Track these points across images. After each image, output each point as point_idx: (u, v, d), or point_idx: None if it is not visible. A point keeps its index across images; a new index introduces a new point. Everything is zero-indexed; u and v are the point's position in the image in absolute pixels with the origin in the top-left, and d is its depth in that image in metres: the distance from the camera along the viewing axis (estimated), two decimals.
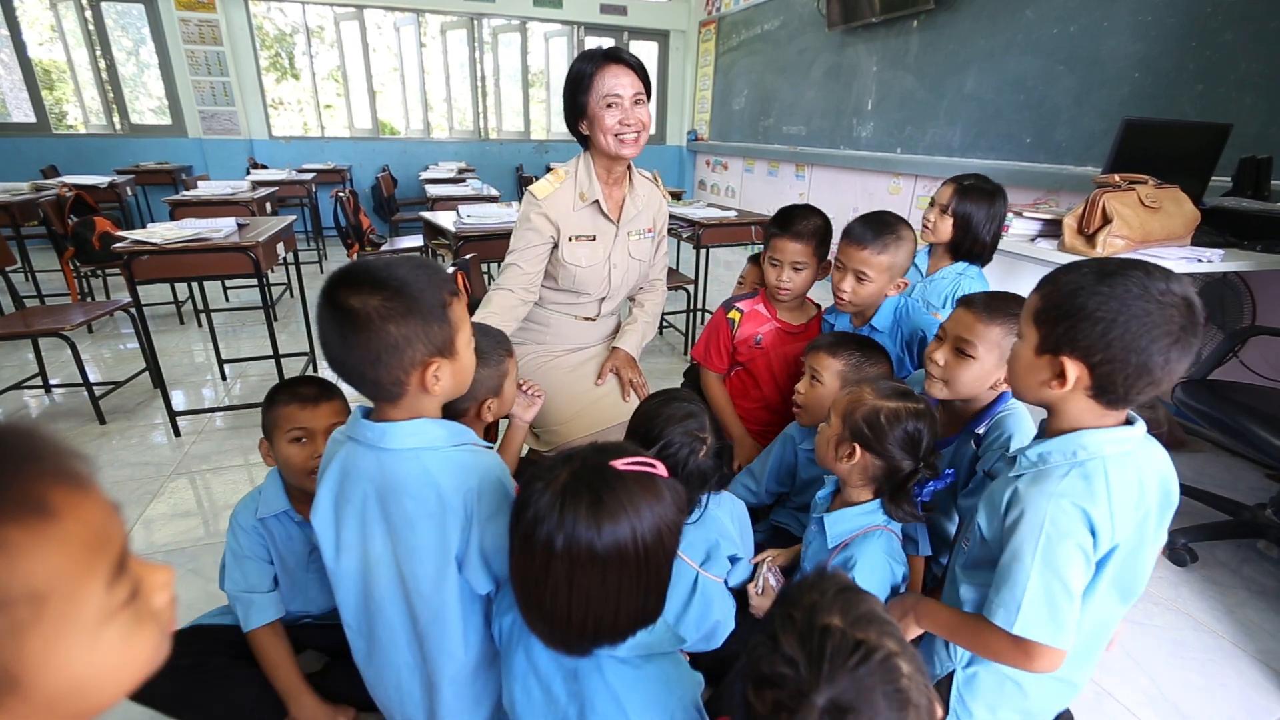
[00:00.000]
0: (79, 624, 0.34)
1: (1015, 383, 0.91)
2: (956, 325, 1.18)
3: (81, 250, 3.19)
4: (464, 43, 6.20)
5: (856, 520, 1.12)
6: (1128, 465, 0.84)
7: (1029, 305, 0.86)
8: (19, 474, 0.33)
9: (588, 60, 1.47)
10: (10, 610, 0.31)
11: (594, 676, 0.78)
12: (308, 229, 5.34)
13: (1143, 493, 0.84)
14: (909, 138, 4.02)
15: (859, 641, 0.53)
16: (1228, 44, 2.35)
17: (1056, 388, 0.83)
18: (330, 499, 0.91)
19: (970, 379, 1.16)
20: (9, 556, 0.31)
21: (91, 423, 2.36)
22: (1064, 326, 0.80)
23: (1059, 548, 0.81)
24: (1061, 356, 0.81)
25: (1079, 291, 0.79)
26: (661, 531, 0.74)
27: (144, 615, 0.38)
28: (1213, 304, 2.29)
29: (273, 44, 9.02)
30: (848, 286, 1.47)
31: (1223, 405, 1.69)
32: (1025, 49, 3.17)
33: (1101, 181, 1.71)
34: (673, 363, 3.24)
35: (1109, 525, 0.81)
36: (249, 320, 3.71)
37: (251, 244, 2.15)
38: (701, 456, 1.07)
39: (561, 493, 0.73)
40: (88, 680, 0.35)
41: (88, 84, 5.48)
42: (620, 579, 0.73)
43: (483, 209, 2.90)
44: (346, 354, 0.80)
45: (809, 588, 0.59)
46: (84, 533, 0.34)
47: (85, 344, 3.21)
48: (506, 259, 1.60)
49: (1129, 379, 0.78)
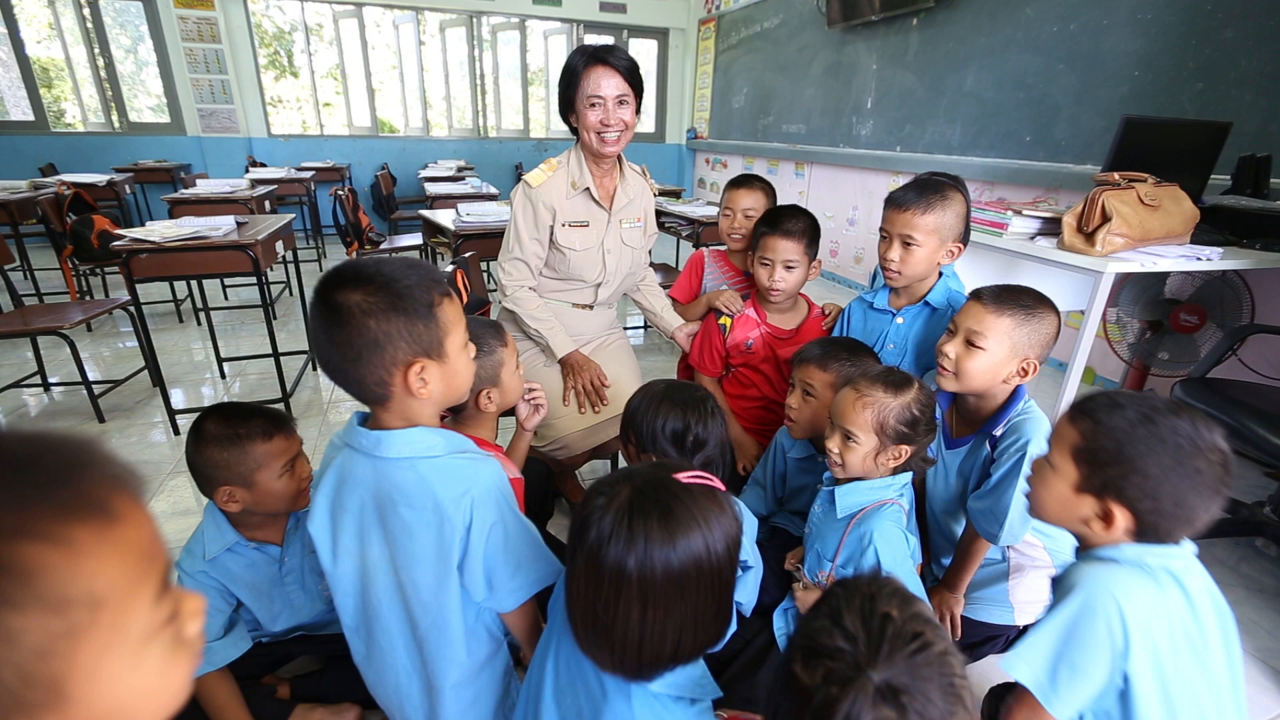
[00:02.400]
0: (128, 638, 0.33)
1: (1044, 510, 0.88)
2: (967, 317, 1.18)
3: (80, 248, 3.19)
4: (463, 40, 6.19)
5: (869, 494, 1.13)
6: (1190, 577, 0.81)
7: (1065, 438, 0.83)
8: (86, 476, 0.33)
9: (579, 56, 1.51)
10: (69, 612, 0.30)
11: (619, 699, 0.74)
12: (307, 227, 5.34)
13: (1195, 607, 0.80)
14: (909, 136, 4.02)
15: (918, 633, 0.53)
16: (1227, 42, 2.35)
17: (1099, 530, 0.81)
18: (327, 505, 0.90)
19: (980, 371, 1.16)
20: (75, 555, 0.31)
21: (90, 421, 2.36)
22: (1113, 472, 0.78)
23: (1087, 623, 0.78)
24: (1107, 501, 0.79)
25: (1131, 441, 0.77)
26: (729, 544, 0.72)
27: (180, 641, 0.37)
28: (1211, 302, 2.29)
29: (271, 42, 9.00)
30: (895, 255, 1.38)
31: (1221, 403, 1.69)
32: (1025, 47, 3.16)
33: (1101, 179, 1.70)
34: (671, 361, 3.23)
35: (1145, 635, 0.77)
36: (248, 318, 3.70)
37: (250, 242, 2.14)
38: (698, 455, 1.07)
39: (628, 509, 0.69)
40: (126, 704, 0.34)
41: (86, 82, 5.47)
42: (697, 596, 0.69)
43: (482, 207, 2.89)
44: (331, 352, 0.79)
45: (867, 582, 0.59)
46: (140, 541, 0.34)
47: (84, 342, 3.21)
48: (509, 254, 1.62)
49: (1172, 529, 0.78)
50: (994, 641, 1.34)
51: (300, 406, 2.54)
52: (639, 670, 0.72)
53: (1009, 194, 3.27)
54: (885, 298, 1.52)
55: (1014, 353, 1.15)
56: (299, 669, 1.30)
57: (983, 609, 1.31)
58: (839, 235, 4.76)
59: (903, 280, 1.43)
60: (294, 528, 1.19)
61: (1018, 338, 1.14)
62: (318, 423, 2.43)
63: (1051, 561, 1.30)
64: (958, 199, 1.38)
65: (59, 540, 0.30)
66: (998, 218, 1.84)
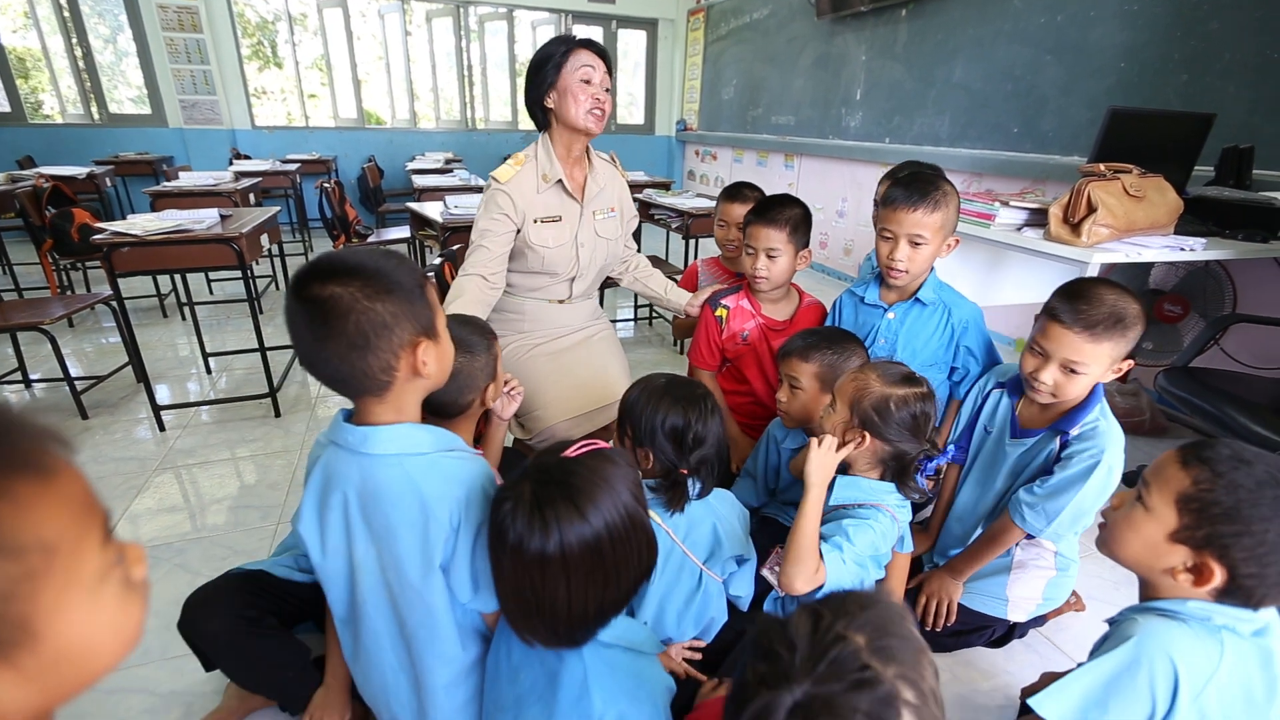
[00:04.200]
0: (83, 579, 0.37)
1: (1123, 549, 0.84)
2: (1063, 345, 1.11)
3: (60, 242, 3.13)
4: (450, 31, 6.12)
5: (869, 492, 1.13)
6: (1257, 647, 0.77)
7: (1172, 482, 0.78)
8: (21, 436, 0.36)
9: (562, 42, 1.51)
10: (25, 558, 0.34)
11: (572, 659, 0.80)
12: (293, 220, 5.27)
13: (1271, 670, 0.77)
14: (897, 127, 4.02)
15: (866, 665, 0.48)
16: (1212, 33, 2.37)
17: (1184, 582, 0.77)
18: (314, 503, 0.90)
19: (1079, 390, 1.15)
20: (21, 508, 0.34)
21: (74, 417, 2.32)
22: (1224, 530, 0.74)
23: (1132, 675, 0.77)
24: (1206, 557, 0.75)
25: (1255, 503, 0.73)
26: (634, 493, 0.79)
27: (130, 584, 0.40)
28: (1195, 292, 2.32)
29: (254, 31, 8.84)
30: (902, 255, 1.35)
31: (1204, 392, 1.71)
32: (1013, 38, 3.17)
33: (1087, 170, 1.72)
34: (662, 353, 3.24)
35: (1197, 698, 0.75)
36: (234, 313, 3.66)
37: (235, 235, 2.12)
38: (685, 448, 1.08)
39: (535, 502, 0.74)
40: (91, 638, 0.37)
41: (64, 72, 5.36)
42: (615, 551, 0.76)
43: (470, 199, 2.87)
44: (328, 345, 0.78)
45: (857, 599, 0.55)
46: (78, 492, 0.38)
47: (66, 338, 3.16)
48: (474, 241, 1.58)
49: (1267, 596, 0.75)
50: (982, 632, 1.35)
51: (288, 402, 2.52)
52: (573, 636, 0.79)
53: (997, 185, 3.29)
54: (876, 292, 1.51)
55: (1112, 365, 1.13)
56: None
57: (978, 599, 1.33)
58: (828, 227, 4.77)
59: (908, 280, 1.41)
60: None
61: (1118, 353, 1.11)
62: (305, 418, 2.41)
63: (1056, 566, 1.30)
64: (953, 193, 1.38)
65: (4, 494, 0.33)
66: (985, 209, 1.85)
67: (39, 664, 0.35)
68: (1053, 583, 1.30)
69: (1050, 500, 1.17)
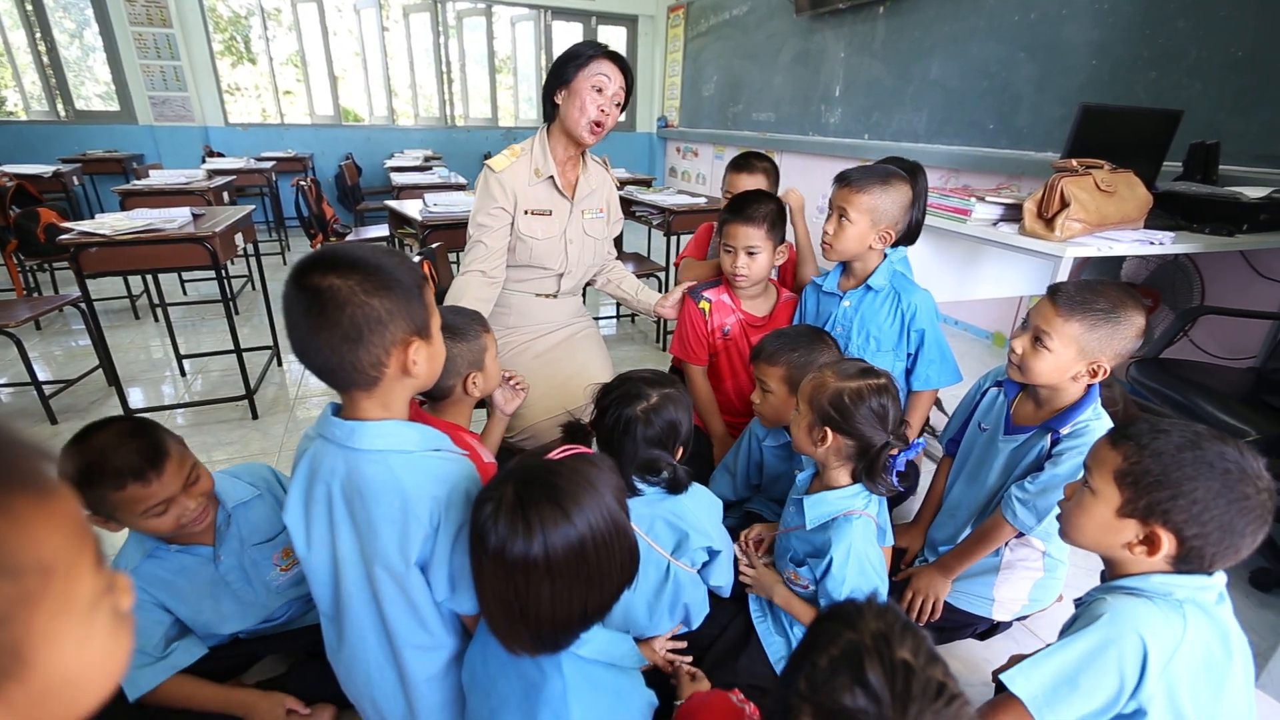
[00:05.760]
0: (77, 605, 0.35)
1: (1080, 534, 0.87)
2: (1038, 314, 1.15)
3: (25, 243, 3.05)
4: (428, 27, 6.05)
5: (836, 504, 1.13)
6: (1215, 616, 0.80)
7: (1106, 462, 0.83)
8: (19, 452, 0.34)
9: (590, 45, 1.53)
10: (22, 579, 0.32)
11: (554, 675, 0.79)
12: (269, 219, 5.19)
13: (1226, 638, 0.81)
14: (876, 124, 4.06)
15: (941, 685, 0.50)
16: (1179, 31, 2.42)
17: (1142, 555, 0.81)
18: (300, 496, 0.90)
19: (1044, 370, 1.15)
20: (21, 525, 0.32)
21: (43, 423, 2.27)
22: (1160, 496, 0.78)
23: (1103, 654, 0.80)
24: (1153, 525, 0.79)
25: (1179, 465, 0.77)
26: (618, 497, 0.78)
27: (118, 614, 0.39)
28: (1165, 285, 2.37)
29: (227, 26, 8.66)
30: (830, 227, 1.48)
31: (1174, 382, 1.76)
32: (988, 35, 3.21)
33: (1060, 166, 1.74)
34: (644, 350, 3.24)
35: (1165, 669, 0.78)
36: (209, 314, 3.59)
37: (208, 234, 2.07)
38: (639, 437, 1.07)
39: (518, 504, 0.74)
40: (80, 670, 0.35)
41: (27, 68, 5.21)
42: (599, 554, 0.75)
43: (449, 197, 2.84)
44: (321, 335, 0.78)
45: (874, 616, 0.55)
46: (74, 513, 0.36)
47: (33, 341, 3.07)
48: (472, 237, 1.61)
49: (1216, 556, 0.78)
50: (965, 629, 1.37)
51: (265, 403, 2.48)
52: (557, 641, 0.78)
53: (973, 181, 3.33)
54: (835, 281, 1.58)
55: (1082, 355, 1.12)
56: (265, 672, 1.28)
57: (965, 599, 1.34)
58: (809, 223, 4.80)
59: (834, 254, 1.52)
60: (225, 524, 1.15)
61: (1086, 342, 1.11)
62: (284, 420, 2.37)
63: (1044, 567, 1.31)
64: (901, 187, 1.42)
65: (3, 511, 0.31)
66: (961, 204, 1.87)
67: (27, 698, 0.32)
68: (1040, 584, 1.31)
69: (1041, 497, 1.18)
